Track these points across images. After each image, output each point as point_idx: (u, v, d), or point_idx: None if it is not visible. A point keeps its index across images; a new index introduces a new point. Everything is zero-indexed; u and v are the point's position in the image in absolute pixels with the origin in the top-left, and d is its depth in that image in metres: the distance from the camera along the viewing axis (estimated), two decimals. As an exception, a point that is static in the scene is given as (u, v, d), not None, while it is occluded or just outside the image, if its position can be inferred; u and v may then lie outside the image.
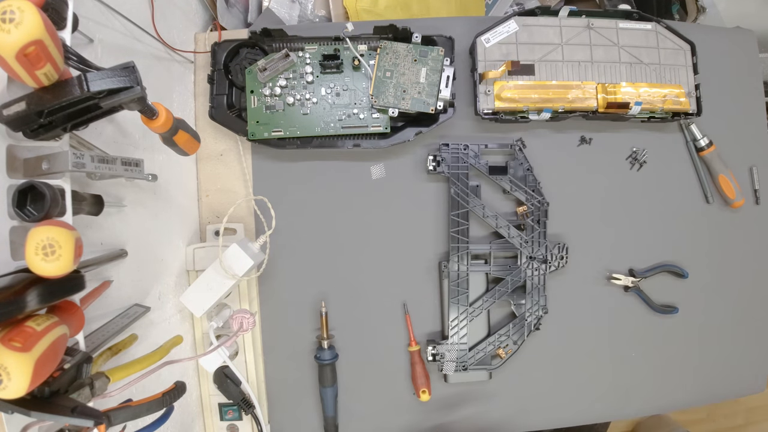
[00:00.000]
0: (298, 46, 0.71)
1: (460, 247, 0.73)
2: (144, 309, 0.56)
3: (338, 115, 0.71)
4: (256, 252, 0.63)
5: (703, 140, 0.79)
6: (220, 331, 0.69)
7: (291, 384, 0.76)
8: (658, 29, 0.75)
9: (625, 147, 0.80)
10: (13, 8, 0.28)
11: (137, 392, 0.50)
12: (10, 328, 0.32)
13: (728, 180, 0.79)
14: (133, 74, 0.36)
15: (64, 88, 0.35)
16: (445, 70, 0.69)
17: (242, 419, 0.72)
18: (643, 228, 0.80)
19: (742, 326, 0.83)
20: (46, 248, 0.31)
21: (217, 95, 0.70)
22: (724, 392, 0.85)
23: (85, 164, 0.39)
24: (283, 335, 0.76)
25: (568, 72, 0.73)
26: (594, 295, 0.79)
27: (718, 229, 0.82)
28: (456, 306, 0.73)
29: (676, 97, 0.73)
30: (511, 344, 0.74)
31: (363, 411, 0.77)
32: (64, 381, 0.36)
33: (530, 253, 0.74)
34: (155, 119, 0.42)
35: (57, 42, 0.32)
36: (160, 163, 0.64)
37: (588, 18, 0.74)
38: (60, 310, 0.38)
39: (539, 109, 0.72)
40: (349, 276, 0.76)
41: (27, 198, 0.37)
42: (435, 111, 0.69)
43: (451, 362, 0.73)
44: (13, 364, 0.29)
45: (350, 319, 0.76)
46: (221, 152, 0.75)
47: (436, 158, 0.73)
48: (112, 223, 0.52)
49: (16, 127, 0.36)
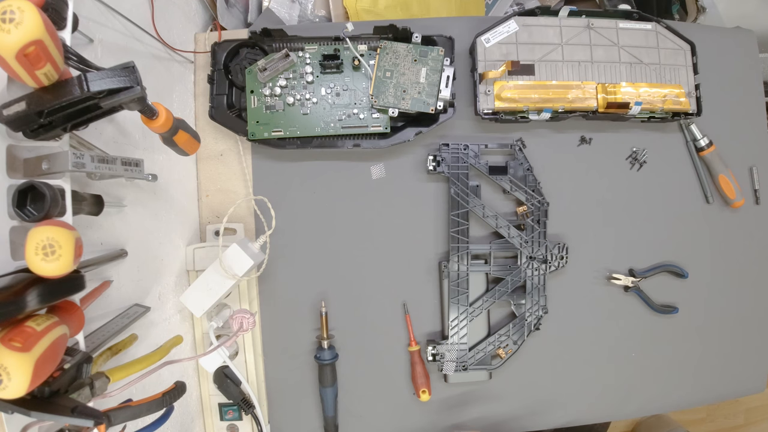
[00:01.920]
0: (298, 46, 0.71)
1: (460, 247, 0.73)
2: (144, 309, 0.56)
3: (338, 115, 0.71)
4: (256, 252, 0.63)
5: (703, 140, 0.79)
6: (220, 331, 0.69)
7: (291, 384, 0.76)
8: (658, 29, 0.75)
9: (625, 147, 0.80)
10: (13, 8, 0.28)
11: (137, 392, 0.50)
12: (10, 328, 0.32)
13: (728, 180, 0.79)
14: (133, 74, 0.36)
15: (64, 88, 0.35)
16: (445, 70, 0.69)
17: (242, 419, 0.72)
18: (643, 228, 0.80)
19: (742, 326, 0.83)
20: (46, 248, 0.31)
21: (217, 95, 0.70)
22: (724, 392, 0.85)
23: (85, 164, 0.40)
24: (283, 335, 0.76)
25: (568, 72, 0.73)
26: (594, 295, 0.79)
27: (718, 229, 0.82)
28: (456, 306, 0.73)
29: (676, 97, 0.73)
30: (511, 344, 0.74)
31: (363, 411, 0.77)
32: (64, 381, 0.36)
33: (530, 253, 0.74)
34: (155, 119, 0.42)
35: (57, 42, 0.32)
36: (160, 163, 0.64)
37: (588, 18, 0.74)
38: (60, 310, 0.38)
39: (539, 109, 0.72)
40: (349, 276, 0.76)
41: (27, 198, 0.37)
42: (435, 111, 0.69)
43: (451, 362, 0.73)
44: (13, 364, 0.29)
45: (350, 319, 0.76)
46: (221, 152, 0.75)
47: (436, 158, 0.73)
48: (112, 223, 0.52)
49: (16, 127, 0.36)
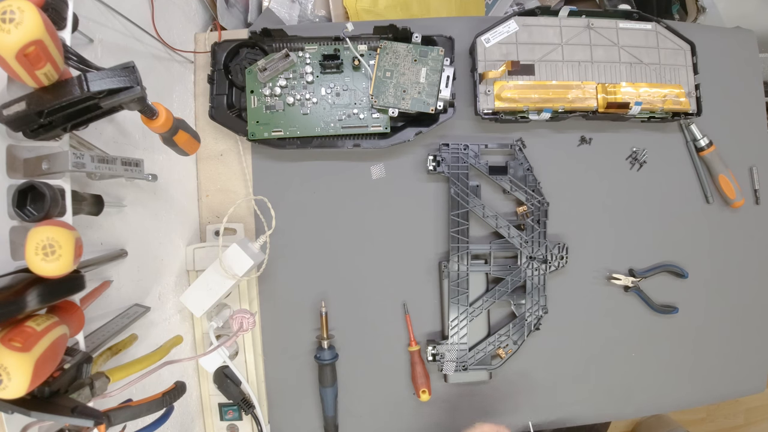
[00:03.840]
0: (298, 46, 0.71)
1: (460, 247, 0.73)
2: (144, 309, 0.56)
3: (338, 115, 0.71)
4: (256, 252, 0.63)
5: (703, 140, 0.79)
6: (220, 331, 0.69)
7: (291, 384, 0.76)
8: (658, 29, 0.75)
9: (625, 147, 0.80)
10: (13, 8, 0.28)
11: (137, 392, 0.50)
12: (10, 328, 0.32)
13: (728, 180, 0.79)
14: (133, 74, 0.36)
15: (64, 88, 0.35)
16: (445, 70, 0.69)
17: (242, 419, 0.72)
18: (643, 228, 0.80)
19: (742, 326, 0.83)
20: (46, 248, 0.31)
21: (217, 95, 0.70)
22: (724, 392, 0.85)
23: (85, 164, 0.40)
24: (283, 335, 0.76)
25: (568, 72, 0.73)
26: (594, 295, 0.79)
27: (718, 229, 0.82)
28: (456, 306, 0.73)
29: (676, 97, 0.73)
30: (511, 344, 0.74)
31: (363, 411, 0.77)
32: (64, 381, 0.36)
33: (530, 253, 0.74)
34: (155, 119, 0.42)
35: (57, 42, 0.32)
36: (160, 163, 0.64)
37: (588, 18, 0.74)
38: (60, 310, 0.38)
39: (539, 109, 0.72)
40: (349, 276, 0.76)
41: (27, 198, 0.37)
42: (435, 111, 0.69)
43: (451, 362, 0.73)
44: (13, 364, 0.29)
45: (350, 319, 0.76)
46: (221, 152, 0.75)
47: (436, 158, 0.73)
48: (112, 223, 0.52)
49: (16, 127, 0.36)
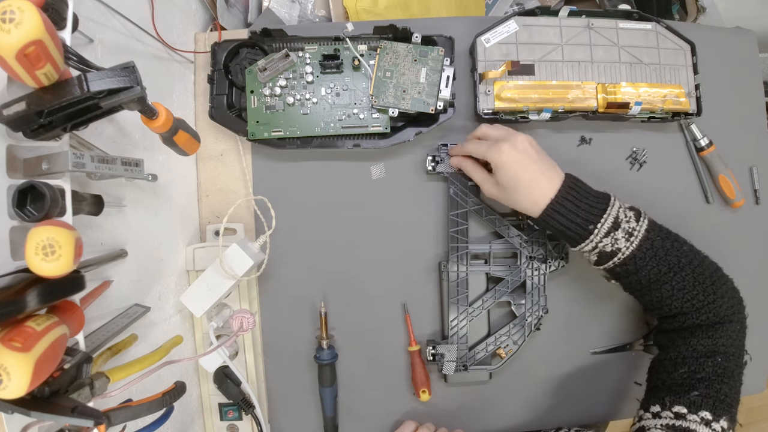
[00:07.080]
0: (298, 46, 0.71)
1: (460, 247, 0.73)
2: (144, 309, 0.56)
3: (338, 115, 0.71)
4: (256, 252, 0.63)
5: (703, 140, 0.79)
6: (220, 331, 0.69)
7: (291, 384, 0.76)
8: (658, 29, 0.75)
9: (625, 147, 0.80)
10: (13, 8, 0.28)
11: (137, 392, 0.50)
12: (10, 328, 0.32)
13: (728, 180, 0.79)
14: (133, 74, 0.36)
15: (64, 88, 0.35)
16: (445, 70, 0.69)
17: (242, 419, 0.72)
18: (643, 228, 0.80)
19: (742, 326, 0.83)
20: (46, 248, 0.31)
21: (217, 95, 0.70)
22: (724, 392, 0.84)
23: (85, 164, 0.40)
24: (283, 335, 0.76)
25: (568, 72, 0.73)
26: (594, 294, 0.79)
27: (718, 229, 0.82)
28: (456, 306, 0.73)
29: (676, 97, 0.73)
30: (511, 344, 0.74)
31: (363, 411, 0.77)
32: (64, 381, 0.36)
33: (530, 253, 0.74)
34: (155, 119, 0.42)
35: (57, 42, 0.32)
36: (160, 163, 0.64)
37: (588, 18, 0.74)
38: (60, 310, 0.38)
39: (539, 109, 0.72)
40: (349, 276, 0.76)
41: (27, 198, 0.37)
42: (435, 111, 0.69)
43: (451, 362, 0.73)
44: (13, 364, 0.29)
45: (350, 319, 0.76)
46: (221, 152, 0.75)
47: (435, 158, 0.73)
48: (112, 223, 0.52)
49: (16, 127, 0.36)
